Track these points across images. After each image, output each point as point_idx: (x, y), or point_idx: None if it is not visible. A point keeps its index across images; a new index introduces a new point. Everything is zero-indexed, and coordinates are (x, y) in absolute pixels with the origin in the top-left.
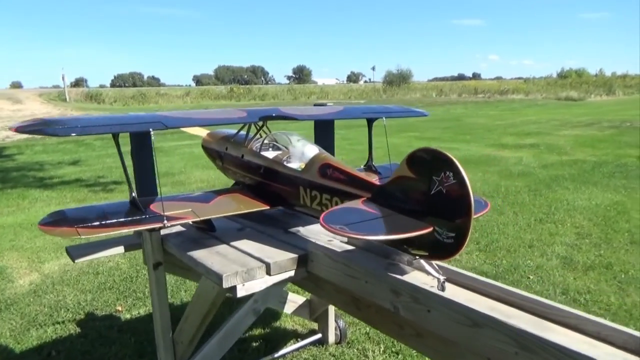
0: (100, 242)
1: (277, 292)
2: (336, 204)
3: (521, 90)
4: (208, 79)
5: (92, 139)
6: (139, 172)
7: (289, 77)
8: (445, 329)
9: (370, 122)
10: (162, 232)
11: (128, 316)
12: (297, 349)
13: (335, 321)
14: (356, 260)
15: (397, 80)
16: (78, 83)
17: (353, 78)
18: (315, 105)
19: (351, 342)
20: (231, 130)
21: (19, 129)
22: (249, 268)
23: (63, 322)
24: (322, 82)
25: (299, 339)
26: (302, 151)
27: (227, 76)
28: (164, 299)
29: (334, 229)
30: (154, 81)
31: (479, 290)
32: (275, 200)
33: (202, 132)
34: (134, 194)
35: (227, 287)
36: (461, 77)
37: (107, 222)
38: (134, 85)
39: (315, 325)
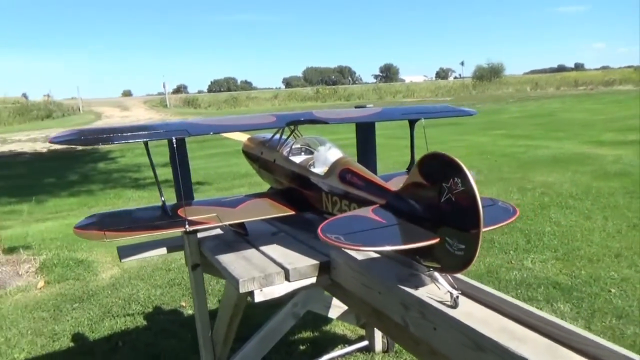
0: (146, 243)
1: (318, 296)
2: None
3: (630, 80)
4: (297, 80)
5: (189, 142)
6: (176, 177)
7: (376, 76)
8: (449, 350)
9: (412, 123)
10: (201, 235)
11: (190, 312)
12: (343, 355)
13: None
14: (373, 270)
15: (488, 74)
16: (179, 90)
17: (442, 74)
18: (356, 107)
19: (399, 352)
20: (268, 135)
21: (54, 141)
22: (267, 274)
23: (133, 314)
24: (410, 80)
25: (345, 345)
26: (325, 156)
27: (315, 77)
28: (203, 299)
29: (330, 239)
30: (247, 85)
31: (495, 307)
32: (302, 205)
33: (243, 137)
34: (162, 199)
35: (243, 292)
36: (561, 69)
37: (133, 225)
38: (229, 89)
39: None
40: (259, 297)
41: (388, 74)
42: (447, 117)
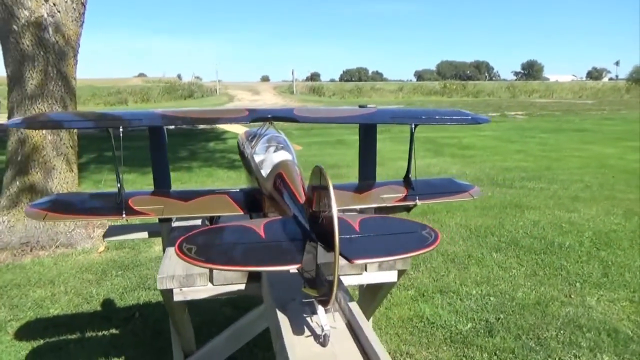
0: (132, 226)
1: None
2: None
3: None
4: (429, 74)
5: (295, 128)
6: (155, 164)
7: (516, 73)
8: None
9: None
10: (176, 223)
11: None
12: None
13: None
14: (282, 285)
15: None
16: (312, 77)
17: (594, 74)
18: (359, 107)
19: None
20: (256, 130)
21: (18, 124)
22: (189, 274)
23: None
24: (556, 79)
25: None
26: (272, 157)
27: (449, 72)
28: None
29: (179, 250)
30: (377, 76)
31: (366, 355)
32: (254, 206)
33: (240, 129)
34: (118, 186)
35: (162, 288)
36: None
37: (78, 209)
38: (359, 79)
39: None
40: (177, 297)
41: (530, 71)
42: (447, 124)
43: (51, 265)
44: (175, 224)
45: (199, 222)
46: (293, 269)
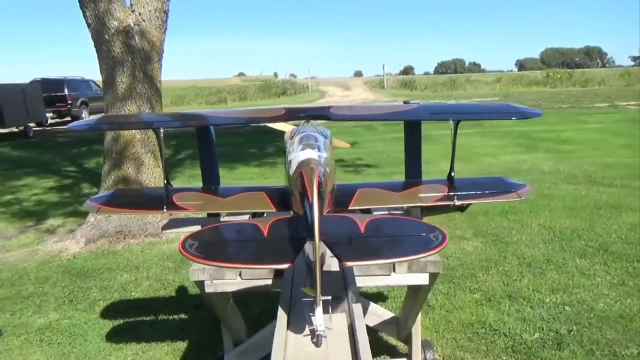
0: (188, 219)
1: None
2: None
3: None
4: (532, 63)
5: (378, 125)
6: (202, 162)
7: (634, 58)
8: None
9: (455, 124)
10: (224, 218)
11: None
12: None
13: (424, 349)
14: (288, 286)
15: None
16: (406, 71)
17: None
18: (404, 102)
19: None
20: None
21: (72, 128)
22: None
23: None
24: None
25: (383, 356)
26: (299, 156)
27: (555, 59)
28: None
29: (181, 246)
30: (475, 67)
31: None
32: (284, 204)
33: (287, 127)
34: (165, 182)
35: (194, 280)
36: None
37: (127, 204)
38: (455, 71)
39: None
40: (209, 289)
41: None
42: (492, 119)
43: (138, 252)
44: (223, 219)
45: (246, 217)
46: (282, 268)
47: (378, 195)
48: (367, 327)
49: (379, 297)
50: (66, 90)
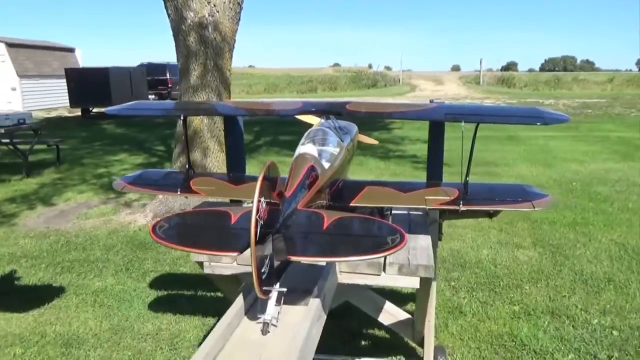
0: (220, 203)
1: (355, 291)
2: None
3: None
4: None
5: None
6: (228, 150)
7: None
8: None
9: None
10: (247, 204)
11: None
12: None
13: (436, 355)
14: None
15: None
16: (508, 67)
17: None
18: (430, 102)
19: None
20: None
21: (110, 111)
22: None
23: None
24: None
25: (393, 357)
26: (299, 149)
27: None
28: None
29: (151, 228)
30: (587, 65)
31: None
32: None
33: (314, 119)
34: (187, 166)
35: (195, 260)
36: None
37: (149, 184)
38: (564, 69)
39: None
40: (207, 270)
41: None
42: (513, 124)
43: None
44: (246, 205)
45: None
46: (230, 256)
47: (383, 194)
48: (383, 325)
49: (406, 297)
50: (168, 75)
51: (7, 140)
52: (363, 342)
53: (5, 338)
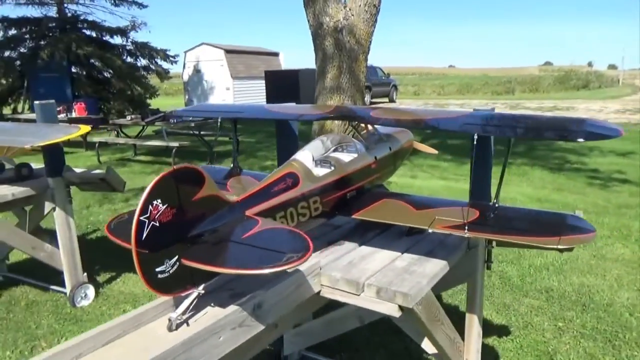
0: None
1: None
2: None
3: None
4: None
5: None
6: (278, 151)
7: None
8: None
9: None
10: None
11: None
12: None
13: None
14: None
15: None
16: None
17: None
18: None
19: None
20: None
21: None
22: None
23: None
24: None
25: None
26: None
27: None
28: None
29: (108, 224)
30: None
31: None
32: None
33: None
34: (233, 164)
35: None
36: None
37: None
38: None
39: None
40: None
41: None
42: (550, 139)
43: None
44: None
45: None
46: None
47: (393, 210)
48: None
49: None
50: None
51: (197, 132)
52: None
53: (123, 295)
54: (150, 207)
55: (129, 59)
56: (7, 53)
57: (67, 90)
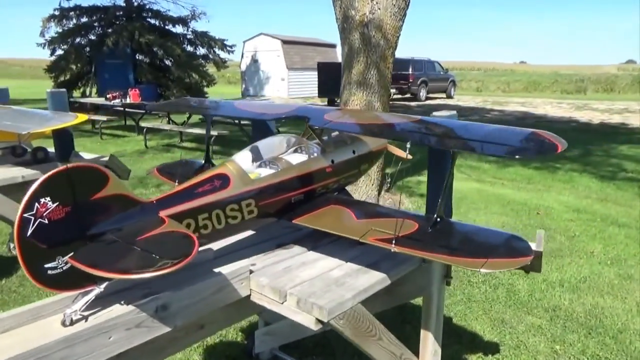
0: None
1: None
2: None
3: None
4: None
5: None
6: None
7: None
8: None
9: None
10: None
11: None
12: None
13: None
14: None
15: None
16: None
17: None
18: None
19: None
20: None
21: (150, 107)
22: None
23: None
24: None
25: None
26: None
27: None
28: None
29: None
30: None
31: None
32: None
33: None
34: (204, 160)
35: None
36: None
37: (174, 174)
38: None
39: None
40: None
41: None
42: (488, 154)
43: None
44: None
45: None
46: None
47: (332, 218)
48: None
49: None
50: (410, 70)
51: (236, 122)
52: None
53: None
54: (36, 204)
55: (188, 48)
56: (77, 40)
57: (130, 76)
